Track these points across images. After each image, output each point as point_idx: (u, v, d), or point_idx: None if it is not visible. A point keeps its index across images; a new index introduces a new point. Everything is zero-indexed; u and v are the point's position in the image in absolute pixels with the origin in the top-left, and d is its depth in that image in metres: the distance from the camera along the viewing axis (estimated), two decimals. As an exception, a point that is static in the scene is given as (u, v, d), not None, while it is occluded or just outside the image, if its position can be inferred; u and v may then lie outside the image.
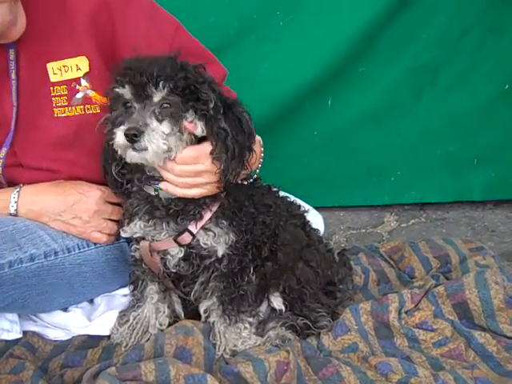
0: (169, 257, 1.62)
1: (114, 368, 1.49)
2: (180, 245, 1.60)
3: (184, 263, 1.63)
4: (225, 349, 1.64)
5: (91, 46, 1.68)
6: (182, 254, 1.61)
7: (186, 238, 1.59)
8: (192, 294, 1.68)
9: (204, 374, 1.47)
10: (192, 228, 1.58)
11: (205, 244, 1.59)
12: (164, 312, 1.71)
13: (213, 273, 1.63)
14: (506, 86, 2.68)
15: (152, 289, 1.70)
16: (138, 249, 1.65)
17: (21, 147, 1.72)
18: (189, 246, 1.60)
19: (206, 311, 1.67)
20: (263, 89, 2.56)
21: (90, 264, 1.74)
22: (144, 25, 1.70)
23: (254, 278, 1.65)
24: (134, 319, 1.70)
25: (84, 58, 1.69)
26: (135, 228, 1.61)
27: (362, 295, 1.97)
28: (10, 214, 1.68)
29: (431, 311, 1.77)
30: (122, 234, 1.66)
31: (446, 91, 2.72)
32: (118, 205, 1.74)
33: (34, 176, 1.73)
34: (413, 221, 2.83)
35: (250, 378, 1.50)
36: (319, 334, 1.73)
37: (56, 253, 1.67)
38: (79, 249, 1.72)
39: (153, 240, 1.61)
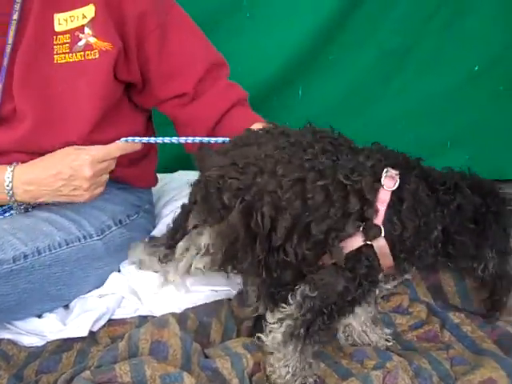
0: None
1: (88, 372, 1.46)
2: None
3: None
4: None
5: None
6: None
7: None
8: None
9: (180, 372, 1.46)
10: None
11: None
12: None
13: None
14: (476, 68, 2.68)
15: None
16: None
17: (15, 86, 1.72)
18: None
19: None
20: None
21: (60, 264, 1.71)
22: None
23: None
24: None
25: (91, 5, 1.70)
26: None
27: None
28: (7, 195, 1.68)
29: (407, 294, 1.78)
30: None
31: (415, 75, 2.71)
32: None
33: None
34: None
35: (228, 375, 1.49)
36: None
37: (26, 256, 1.64)
38: (50, 250, 1.69)
39: None
